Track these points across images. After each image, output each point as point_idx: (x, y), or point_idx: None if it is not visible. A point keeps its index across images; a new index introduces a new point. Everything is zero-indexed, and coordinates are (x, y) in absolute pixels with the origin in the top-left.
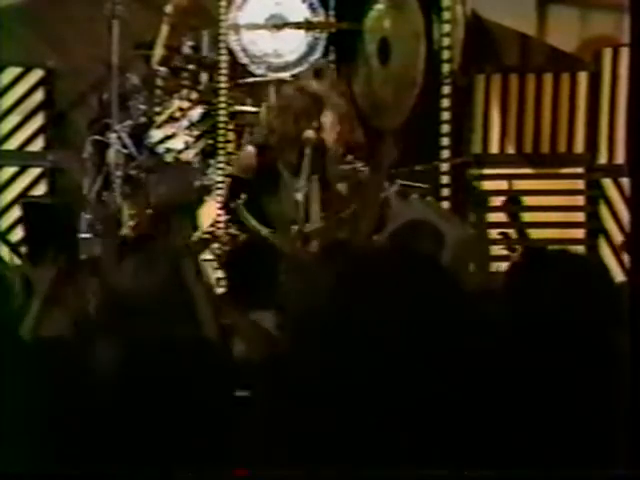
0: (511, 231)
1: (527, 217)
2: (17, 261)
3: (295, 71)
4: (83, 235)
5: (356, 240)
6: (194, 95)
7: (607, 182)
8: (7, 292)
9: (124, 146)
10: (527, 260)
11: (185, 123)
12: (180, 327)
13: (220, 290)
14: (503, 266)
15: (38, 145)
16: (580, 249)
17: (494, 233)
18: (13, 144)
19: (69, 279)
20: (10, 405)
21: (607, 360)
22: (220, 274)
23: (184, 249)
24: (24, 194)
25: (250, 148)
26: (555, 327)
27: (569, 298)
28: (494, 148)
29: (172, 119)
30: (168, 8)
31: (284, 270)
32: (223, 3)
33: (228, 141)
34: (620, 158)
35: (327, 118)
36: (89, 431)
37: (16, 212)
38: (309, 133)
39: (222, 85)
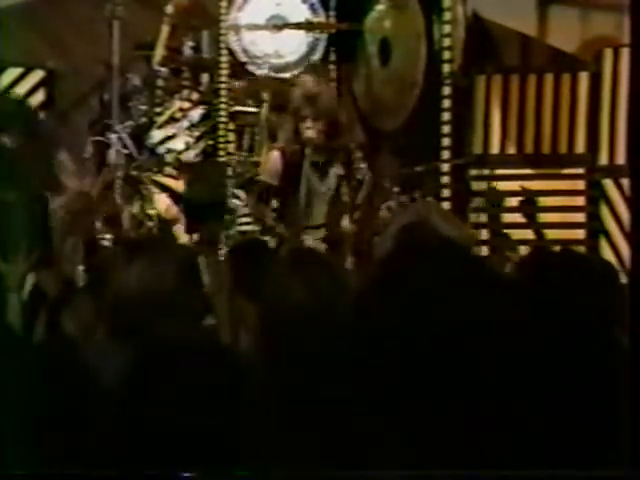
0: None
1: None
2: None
3: (295, 72)
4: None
5: (358, 241)
6: (195, 96)
7: (608, 183)
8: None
9: (125, 146)
10: (531, 259)
11: (186, 123)
12: (181, 327)
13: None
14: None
15: None
16: (580, 250)
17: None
18: None
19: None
20: (10, 405)
21: (608, 360)
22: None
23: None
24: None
25: (276, 153)
26: (556, 327)
27: (572, 297)
28: (495, 149)
29: (173, 120)
30: (169, 9)
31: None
32: (223, 4)
33: (228, 142)
34: (621, 158)
35: (327, 118)
36: (89, 431)
37: None
38: (309, 133)
39: (223, 86)
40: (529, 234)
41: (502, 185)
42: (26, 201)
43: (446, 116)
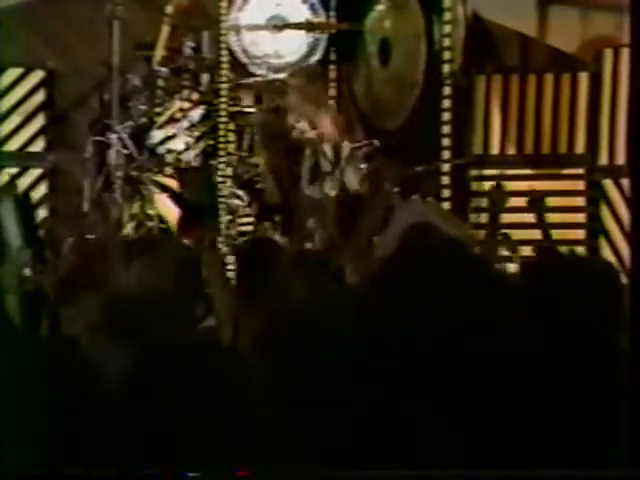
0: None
1: (527, 218)
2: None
3: (295, 72)
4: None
5: (358, 241)
6: (195, 96)
7: (608, 183)
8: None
9: (125, 147)
10: (533, 261)
11: (186, 124)
12: (180, 327)
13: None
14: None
15: (39, 146)
16: (581, 250)
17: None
18: (14, 145)
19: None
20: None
21: (608, 360)
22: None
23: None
24: (24, 195)
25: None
26: (556, 327)
27: (572, 298)
28: (495, 149)
29: (173, 120)
30: (169, 9)
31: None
32: (224, 4)
33: (229, 142)
34: (621, 159)
35: (325, 119)
36: (88, 431)
37: None
38: (310, 134)
39: (223, 86)
40: (530, 234)
41: (504, 185)
42: (14, 201)
43: (446, 116)
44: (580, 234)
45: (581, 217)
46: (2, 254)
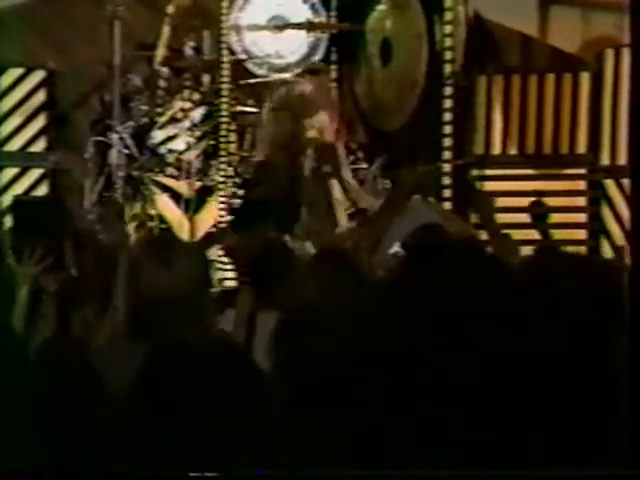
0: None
1: (527, 218)
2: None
3: (296, 72)
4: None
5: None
6: (196, 96)
7: (609, 183)
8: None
9: (126, 147)
10: (534, 261)
11: (187, 124)
12: (190, 328)
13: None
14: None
15: (40, 146)
16: (582, 250)
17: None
18: (15, 145)
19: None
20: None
21: (608, 360)
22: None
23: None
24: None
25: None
26: (556, 327)
27: (573, 297)
28: (496, 149)
29: (174, 120)
30: (170, 9)
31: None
32: (225, 4)
33: (230, 142)
34: (622, 159)
35: (325, 118)
36: (92, 431)
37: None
38: (312, 133)
39: (224, 86)
40: (530, 234)
41: (505, 185)
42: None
43: (447, 116)
44: (581, 234)
45: (582, 217)
46: (16, 255)
